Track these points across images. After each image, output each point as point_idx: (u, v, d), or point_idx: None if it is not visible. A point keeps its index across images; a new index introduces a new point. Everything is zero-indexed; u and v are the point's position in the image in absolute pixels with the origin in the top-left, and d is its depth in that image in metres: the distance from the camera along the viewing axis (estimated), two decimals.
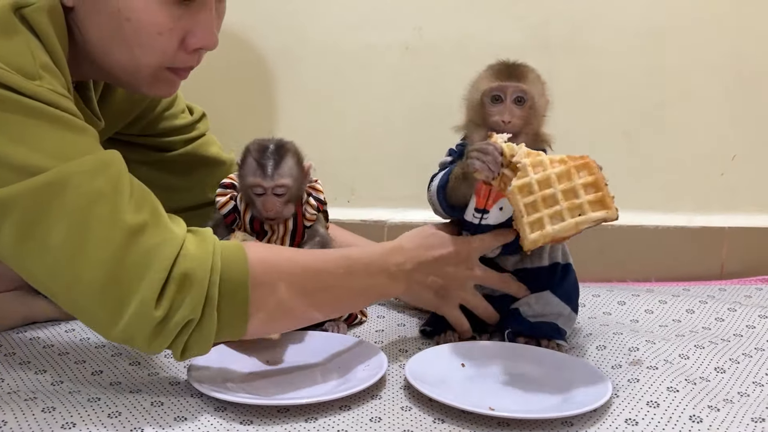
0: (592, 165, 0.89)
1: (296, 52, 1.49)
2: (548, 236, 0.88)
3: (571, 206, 0.87)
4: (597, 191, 0.87)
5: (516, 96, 1.00)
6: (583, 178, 0.88)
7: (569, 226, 0.87)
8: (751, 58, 1.47)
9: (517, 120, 1.00)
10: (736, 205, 1.52)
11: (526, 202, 0.89)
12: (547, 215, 0.88)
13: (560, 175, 0.89)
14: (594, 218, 0.86)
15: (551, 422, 0.84)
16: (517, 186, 0.90)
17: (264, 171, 1.03)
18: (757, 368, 1.00)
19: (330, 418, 0.85)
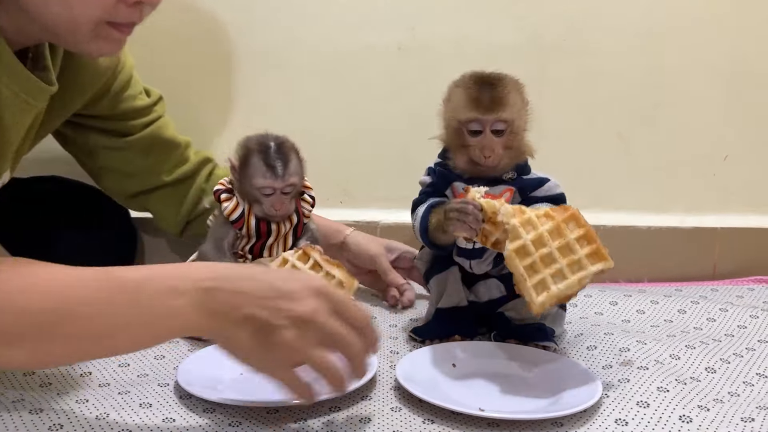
0: (578, 216, 0.89)
1: (289, 52, 1.49)
2: (554, 297, 0.87)
3: (570, 263, 0.87)
4: (591, 243, 0.87)
5: (495, 127, 0.98)
6: (574, 232, 0.88)
7: (573, 283, 0.86)
8: (744, 59, 1.47)
9: (498, 151, 0.99)
10: (728, 206, 1.52)
11: (525, 265, 0.88)
12: (549, 275, 0.87)
13: (552, 231, 0.88)
14: (594, 271, 0.86)
15: (541, 423, 0.84)
16: (513, 249, 0.88)
17: (275, 172, 1.04)
18: (747, 368, 1.00)
19: (320, 419, 0.84)
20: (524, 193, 1.04)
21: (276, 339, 0.70)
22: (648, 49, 1.47)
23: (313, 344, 0.72)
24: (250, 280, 0.71)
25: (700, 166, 1.51)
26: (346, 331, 0.73)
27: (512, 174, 1.03)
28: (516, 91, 1.01)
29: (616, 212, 1.50)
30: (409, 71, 1.48)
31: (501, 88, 0.99)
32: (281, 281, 0.72)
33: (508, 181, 1.03)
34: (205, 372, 0.93)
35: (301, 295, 0.71)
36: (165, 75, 1.50)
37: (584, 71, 1.48)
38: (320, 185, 1.47)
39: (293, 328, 0.70)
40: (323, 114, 1.51)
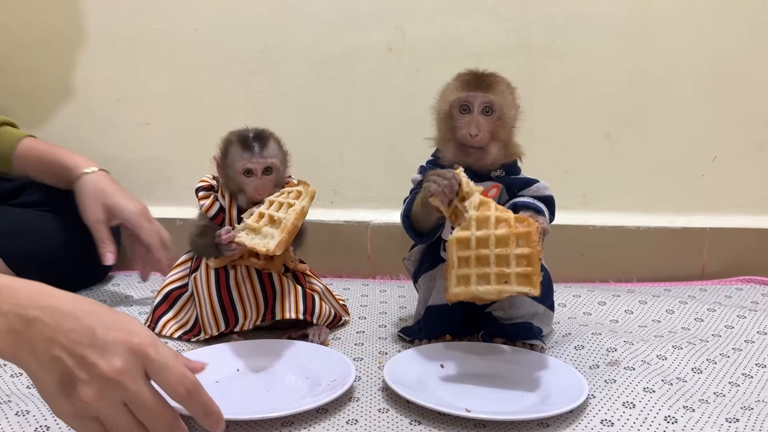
0: (533, 237, 0.90)
1: (278, 53, 1.49)
2: (470, 294, 0.90)
3: (499, 273, 0.89)
4: (528, 265, 0.89)
5: (484, 107, 1.01)
6: (519, 249, 0.90)
7: (492, 291, 0.89)
8: (732, 61, 1.48)
9: (484, 132, 1.01)
10: (717, 206, 1.53)
11: (460, 255, 0.91)
12: (475, 274, 0.90)
13: (499, 238, 0.90)
14: (517, 290, 0.89)
15: (528, 423, 0.84)
16: (456, 238, 0.92)
17: (252, 152, 1.05)
18: (734, 368, 1.01)
19: (306, 421, 0.85)
20: (511, 191, 1.05)
21: (75, 391, 0.63)
22: (634, 50, 1.47)
23: (114, 405, 0.64)
24: (74, 320, 0.64)
25: (688, 166, 1.52)
26: (154, 400, 0.65)
27: (500, 172, 1.04)
28: (507, 86, 1.04)
29: (605, 213, 1.51)
30: (398, 72, 1.49)
31: (492, 76, 1.03)
32: (103, 329, 0.64)
33: (495, 178, 1.04)
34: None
35: (113, 350, 0.63)
36: (153, 77, 1.50)
37: (572, 73, 1.48)
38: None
39: (94, 384, 0.63)
40: (313, 114, 1.51)
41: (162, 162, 1.53)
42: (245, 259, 1.10)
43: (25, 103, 1.51)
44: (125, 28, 1.48)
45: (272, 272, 1.11)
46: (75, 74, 1.50)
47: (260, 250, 0.99)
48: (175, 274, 1.17)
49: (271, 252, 0.98)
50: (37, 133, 1.51)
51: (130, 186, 1.53)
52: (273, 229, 1.02)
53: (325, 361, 0.98)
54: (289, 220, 1.01)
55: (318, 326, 1.13)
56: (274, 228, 1.02)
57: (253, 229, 1.04)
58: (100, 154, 1.52)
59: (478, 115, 1.01)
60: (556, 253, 1.25)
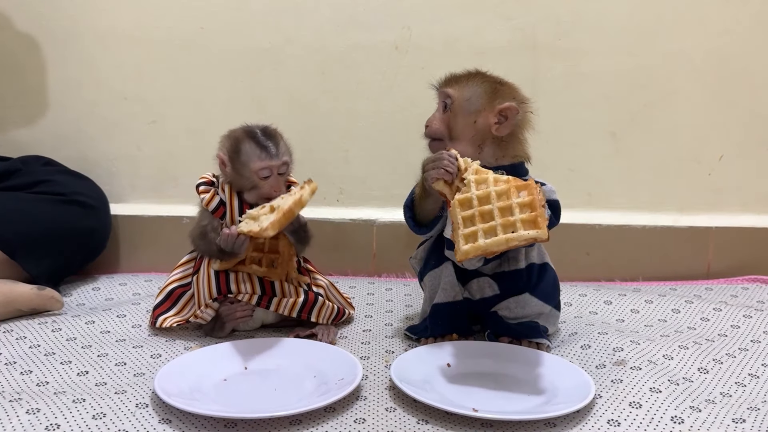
0: (532, 186, 0.92)
1: (285, 52, 1.49)
2: (479, 249, 0.91)
3: (505, 223, 0.91)
4: (531, 211, 0.90)
5: (442, 101, 1.05)
6: (520, 198, 0.91)
7: (501, 241, 0.90)
8: (737, 59, 1.47)
9: (436, 123, 1.05)
10: (722, 205, 1.52)
11: (464, 216, 0.93)
12: (481, 229, 0.91)
13: (500, 192, 0.92)
14: (525, 237, 0.89)
15: (534, 423, 0.84)
16: (459, 200, 0.93)
17: (269, 152, 1.06)
18: (740, 368, 1.01)
19: (314, 419, 0.85)
20: None
21: None
22: (639, 48, 1.47)
23: None
24: None
25: (694, 165, 1.51)
26: None
27: (501, 172, 1.04)
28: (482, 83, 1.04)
29: (610, 212, 1.51)
30: (404, 70, 1.49)
31: (466, 74, 1.05)
32: None
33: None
34: (190, 379, 0.93)
35: None
36: (159, 75, 1.50)
37: (576, 71, 1.48)
38: (317, 184, 1.48)
39: None
40: (319, 113, 1.51)
41: (168, 160, 1.53)
42: (247, 266, 1.10)
43: (32, 101, 1.51)
44: (131, 27, 1.49)
45: (273, 280, 1.12)
46: (81, 72, 1.50)
47: (253, 230, 1.00)
48: (177, 273, 1.18)
49: (264, 230, 0.99)
50: (44, 131, 1.52)
51: (136, 184, 1.54)
52: (271, 215, 1.02)
53: (332, 360, 0.99)
54: (285, 204, 1.02)
55: (326, 325, 1.14)
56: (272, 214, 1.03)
57: (252, 218, 1.04)
58: (106, 152, 1.53)
59: (440, 108, 1.05)
60: (561, 252, 1.25)
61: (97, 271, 1.47)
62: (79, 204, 1.36)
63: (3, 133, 1.53)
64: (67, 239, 1.32)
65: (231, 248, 1.05)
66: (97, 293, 1.35)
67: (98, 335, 1.13)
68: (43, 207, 1.31)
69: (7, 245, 1.24)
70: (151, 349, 1.07)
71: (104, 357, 1.04)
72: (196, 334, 1.13)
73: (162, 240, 1.48)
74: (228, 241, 1.04)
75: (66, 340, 1.10)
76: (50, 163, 1.45)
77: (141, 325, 1.18)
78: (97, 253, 1.44)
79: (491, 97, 1.03)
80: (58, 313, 1.21)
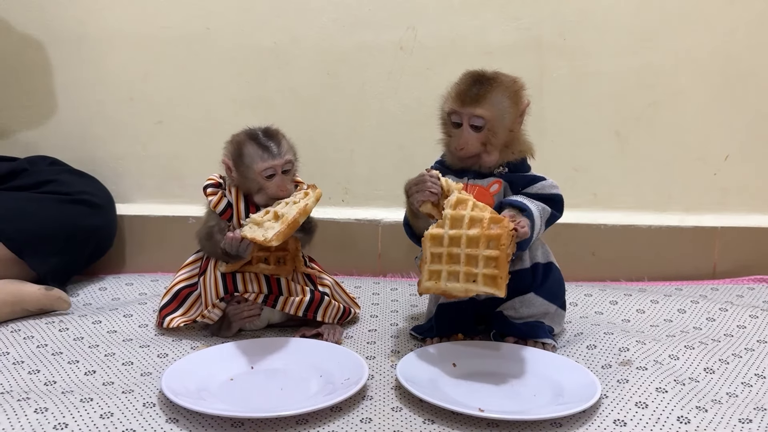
0: (502, 241, 0.91)
1: (290, 52, 1.49)
2: (439, 289, 0.94)
3: (468, 272, 0.92)
4: (495, 267, 0.91)
5: (472, 122, 1.01)
6: (489, 251, 0.92)
7: (460, 289, 0.93)
8: (743, 58, 1.47)
9: (473, 145, 1.02)
10: (728, 205, 1.52)
11: (433, 252, 0.94)
12: (446, 271, 0.93)
13: (471, 239, 0.93)
14: (483, 291, 0.92)
15: (540, 423, 0.84)
16: (430, 234, 0.94)
17: (271, 152, 1.07)
18: (746, 369, 1.01)
19: (320, 418, 0.85)
20: (515, 188, 1.05)
21: None
22: (645, 48, 1.47)
23: None
24: None
25: (699, 165, 1.51)
26: None
27: (502, 168, 1.04)
28: (504, 91, 1.02)
29: (615, 211, 1.51)
30: (410, 71, 1.49)
31: (486, 86, 1.01)
32: None
33: (497, 174, 1.05)
34: (198, 377, 0.94)
35: None
36: (165, 75, 1.51)
37: (582, 71, 1.48)
38: (322, 184, 1.47)
39: None
40: (324, 113, 1.51)
41: (174, 160, 1.54)
42: (254, 265, 1.10)
43: (38, 102, 1.52)
44: (137, 27, 1.49)
45: (281, 277, 1.12)
46: (87, 73, 1.51)
47: (258, 239, 1.00)
48: (184, 273, 1.18)
49: (268, 241, 0.99)
50: (51, 132, 1.53)
51: (142, 184, 1.55)
52: (275, 223, 1.03)
53: (338, 360, 0.99)
54: (290, 213, 1.03)
55: (332, 325, 1.14)
56: (276, 222, 1.03)
57: (256, 223, 1.05)
58: (112, 153, 1.54)
59: (467, 129, 1.02)
60: (566, 252, 1.25)
61: (103, 271, 1.48)
62: (86, 203, 1.37)
63: (10, 134, 1.53)
64: (74, 238, 1.33)
65: (235, 252, 1.06)
66: (104, 293, 1.36)
67: (105, 335, 1.13)
68: (50, 206, 1.32)
69: (14, 244, 1.25)
70: (158, 349, 1.07)
71: (111, 356, 1.04)
72: (203, 334, 1.14)
73: (168, 240, 1.49)
74: (232, 245, 1.05)
75: (73, 339, 1.11)
76: (56, 162, 1.46)
77: (148, 324, 1.18)
78: (103, 252, 1.44)
79: (515, 101, 1.03)
80: (65, 313, 1.22)
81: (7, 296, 1.17)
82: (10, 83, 1.52)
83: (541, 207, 1.01)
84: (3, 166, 1.38)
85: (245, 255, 1.07)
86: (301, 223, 1.04)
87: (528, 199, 1.02)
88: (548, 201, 1.03)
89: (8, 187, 1.36)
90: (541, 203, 1.02)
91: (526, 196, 1.03)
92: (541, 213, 1.01)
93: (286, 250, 1.12)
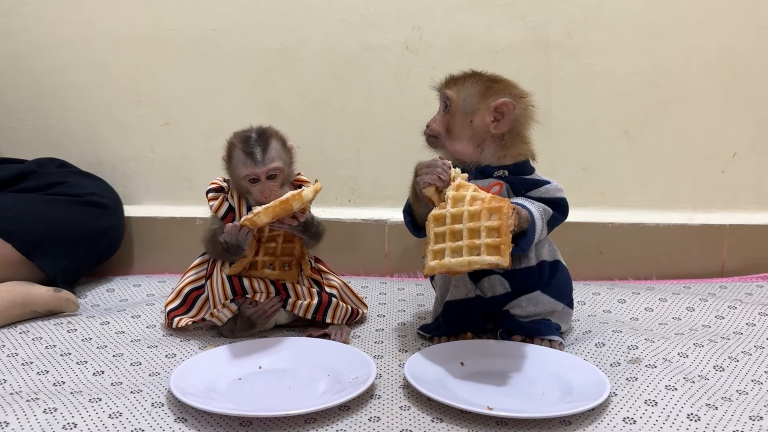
0: (504, 210, 0.92)
1: (296, 53, 1.50)
2: (444, 267, 0.93)
3: (471, 245, 0.92)
4: (498, 236, 0.91)
5: (443, 101, 1.07)
6: (490, 222, 0.92)
7: (464, 263, 0.92)
8: (751, 56, 1.46)
9: (437, 124, 1.07)
10: (737, 203, 1.51)
11: (436, 231, 0.95)
12: (449, 248, 0.93)
13: (472, 214, 0.93)
14: (487, 261, 0.91)
15: (549, 421, 0.84)
16: (434, 215, 0.95)
17: (254, 159, 1.06)
18: (756, 366, 1.00)
19: (329, 417, 0.85)
20: (518, 192, 1.04)
21: None
22: (653, 46, 1.46)
23: None
24: None
25: (708, 163, 1.51)
26: None
27: (503, 172, 1.04)
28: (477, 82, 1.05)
29: (623, 210, 1.51)
30: (415, 70, 1.49)
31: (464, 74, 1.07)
32: None
33: (497, 177, 1.04)
34: (207, 377, 0.94)
35: None
36: (172, 77, 1.51)
37: (589, 69, 1.47)
38: (329, 184, 1.48)
39: None
40: (331, 113, 1.51)
41: (181, 161, 1.54)
42: (259, 270, 1.10)
43: (46, 105, 1.53)
44: (144, 29, 1.50)
45: (287, 282, 1.12)
46: (95, 75, 1.52)
47: (247, 218, 1.00)
48: (191, 275, 1.18)
49: (256, 215, 0.99)
50: (58, 134, 1.53)
51: (150, 186, 1.55)
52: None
53: (346, 359, 0.99)
54: (284, 195, 1.03)
55: (339, 325, 1.14)
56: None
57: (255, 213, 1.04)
58: (120, 154, 1.54)
59: (441, 109, 1.07)
60: (574, 251, 1.24)
61: (111, 273, 1.48)
62: (95, 204, 1.38)
63: (18, 137, 1.54)
64: (84, 239, 1.34)
65: (235, 242, 1.05)
66: (112, 294, 1.36)
67: (113, 335, 1.14)
68: (59, 208, 1.32)
69: (24, 245, 1.25)
70: (166, 349, 1.07)
71: (119, 357, 1.04)
72: (211, 334, 1.14)
73: (176, 241, 1.49)
74: (231, 233, 1.04)
75: (81, 340, 1.11)
76: (64, 164, 1.46)
77: (155, 325, 1.18)
78: (112, 253, 1.45)
79: (485, 95, 1.04)
80: (73, 314, 1.22)
81: (16, 297, 1.18)
82: (19, 85, 1.53)
83: (542, 208, 1.01)
84: (12, 168, 1.39)
85: (245, 246, 1.06)
86: (296, 208, 1.03)
87: (528, 200, 1.02)
88: (552, 204, 1.03)
89: (18, 189, 1.37)
90: (542, 204, 1.02)
91: (529, 199, 1.03)
92: (542, 214, 1.01)
93: (291, 255, 1.12)
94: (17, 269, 1.25)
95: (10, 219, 1.27)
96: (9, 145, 1.53)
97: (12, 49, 1.51)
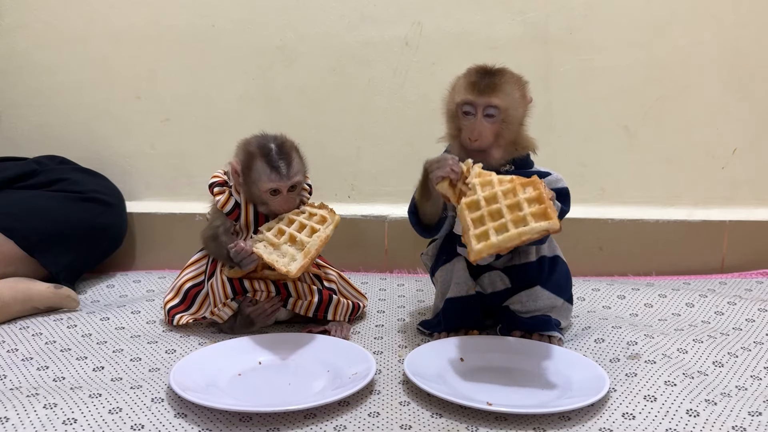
0: (537, 181, 0.92)
1: (296, 49, 1.49)
2: (493, 247, 0.90)
3: (515, 218, 0.91)
4: (540, 204, 0.90)
5: (487, 112, 1.01)
6: (527, 194, 0.92)
7: (513, 236, 0.89)
8: (751, 52, 1.46)
9: (486, 136, 1.01)
10: (736, 199, 1.51)
11: (473, 217, 0.93)
12: (492, 228, 0.91)
13: (506, 191, 0.93)
14: (537, 229, 0.89)
15: (549, 416, 0.84)
16: (466, 203, 0.94)
17: (280, 173, 1.06)
18: (755, 362, 1.00)
19: (329, 413, 0.85)
20: None
21: None
22: (652, 42, 1.46)
23: None
24: None
25: (708, 159, 1.50)
26: None
27: (509, 166, 1.04)
28: (514, 84, 1.03)
29: (623, 206, 1.51)
30: (415, 66, 1.49)
31: (498, 77, 1.02)
32: None
33: (504, 173, 1.04)
34: (207, 373, 0.94)
35: None
36: (172, 73, 1.51)
37: (589, 65, 1.47)
38: (328, 180, 1.48)
39: None
40: (330, 109, 1.51)
41: (181, 158, 1.54)
42: (259, 272, 1.10)
43: (45, 101, 1.53)
44: (143, 25, 1.49)
45: (287, 281, 1.12)
46: (94, 71, 1.52)
47: (279, 268, 1.00)
48: (190, 271, 1.18)
49: (292, 274, 0.99)
50: (58, 131, 1.53)
51: (150, 182, 1.55)
52: (293, 249, 1.02)
53: (345, 355, 0.99)
54: (313, 246, 1.02)
55: (339, 322, 1.14)
56: (294, 248, 1.03)
57: (272, 243, 1.04)
58: (119, 151, 1.54)
59: (481, 119, 1.01)
60: (574, 247, 1.24)
61: (111, 269, 1.49)
62: (98, 201, 1.38)
63: (18, 134, 1.54)
64: (86, 236, 1.34)
65: (239, 261, 1.05)
66: (112, 290, 1.36)
67: (113, 331, 1.14)
68: (62, 204, 1.32)
69: (26, 242, 1.25)
70: (166, 345, 1.07)
71: (119, 353, 1.04)
72: (210, 331, 1.14)
73: (176, 237, 1.49)
74: (240, 255, 1.05)
75: (81, 336, 1.11)
76: (65, 161, 1.46)
77: (155, 321, 1.18)
78: (113, 249, 1.45)
79: (523, 95, 1.03)
80: (73, 310, 1.23)
81: (17, 294, 1.18)
82: (18, 82, 1.52)
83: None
84: (13, 167, 1.39)
85: (246, 268, 1.06)
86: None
87: None
88: (558, 195, 1.03)
89: (21, 186, 1.37)
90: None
91: None
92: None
93: None
94: (20, 266, 1.25)
95: (13, 216, 1.27)
96: (8, 142, 1.53)
97: (10, 45, 1.51)
